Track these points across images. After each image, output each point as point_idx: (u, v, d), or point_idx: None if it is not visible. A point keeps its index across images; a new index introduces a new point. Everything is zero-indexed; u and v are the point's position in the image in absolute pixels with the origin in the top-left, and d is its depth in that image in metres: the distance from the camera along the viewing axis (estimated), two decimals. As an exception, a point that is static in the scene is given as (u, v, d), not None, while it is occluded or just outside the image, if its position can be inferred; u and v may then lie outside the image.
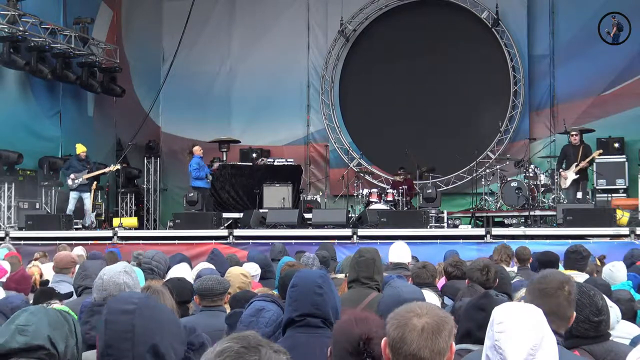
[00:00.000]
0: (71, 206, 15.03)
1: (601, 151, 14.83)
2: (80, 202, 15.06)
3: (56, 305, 4.24)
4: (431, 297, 4.47)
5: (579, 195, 14.12)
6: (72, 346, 2.33)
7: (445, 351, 2.28)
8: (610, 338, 3.68)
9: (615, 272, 5.78)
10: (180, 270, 5.87)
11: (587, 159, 13.99)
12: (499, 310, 2.41)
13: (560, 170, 14.23)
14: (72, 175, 14.85)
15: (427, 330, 2.25)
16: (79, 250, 9.64)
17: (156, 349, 2.21)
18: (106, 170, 15.51)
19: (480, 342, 3.18)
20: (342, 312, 2.76)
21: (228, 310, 4.70)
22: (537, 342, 2.31)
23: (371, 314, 2.77)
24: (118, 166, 15.80)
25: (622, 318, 4.28)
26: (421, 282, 5.55)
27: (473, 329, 3.26)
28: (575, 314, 3.18)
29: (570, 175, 14.07)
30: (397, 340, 2.27)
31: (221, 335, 4.07)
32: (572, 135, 14.25)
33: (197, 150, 15.60)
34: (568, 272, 5.88)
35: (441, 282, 6.41)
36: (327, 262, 7.97)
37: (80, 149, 15.07)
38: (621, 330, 4.18)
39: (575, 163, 13.98)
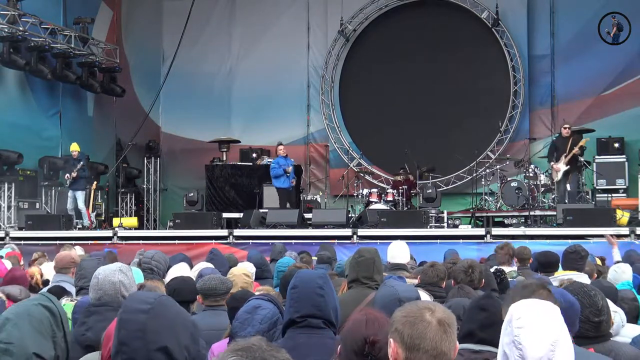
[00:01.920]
0: (69, 205, 15.08)
1: (588, 139, 14.75)
2: (75, 200, 15.10)
3: (66, 301, 4.24)
4: (424, 297, 4.46)
5: (569, 187, 14.04)
6: (60, 339, 2.32)
7: (455, 347, 2.31)
8: (612, 339, 3.69)
9: (620, 273, 5.76)
10: (179, 270, 5.86)
11: (576, 147, 13.87)
12: (518, 306, 2.40)
13: (552, 163, 14.12)
14: (66, 175, 14.98)
15: (444, 324, 2.28)
16: (78, 251, 9.64)
17: (167, 350, 2.22)
18: (73, 174, 14.90)
19: (483, 342, 3.18)
20: (356, 310, 2.77)
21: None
22: (556, 337, 2.29)
23: (383, 316, 2.76)
24: (78, 167, 14.98)
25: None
26: (427, 281, 5.52)
27: (475, 329, 3.26)
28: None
29: (561, 167, 14.00)
30: (415, 336, 2.26)
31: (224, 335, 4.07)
32: (565, 128, 14.15)
33: (279, 150, 15.32)
34: (567, 273, 5.87)
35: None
36: (331, 262, 7.98)
37: (72, 147, 15.02)
38: (626, 332, 4.16)
39: (565, 154, 13.90)
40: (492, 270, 5.93)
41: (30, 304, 2.45)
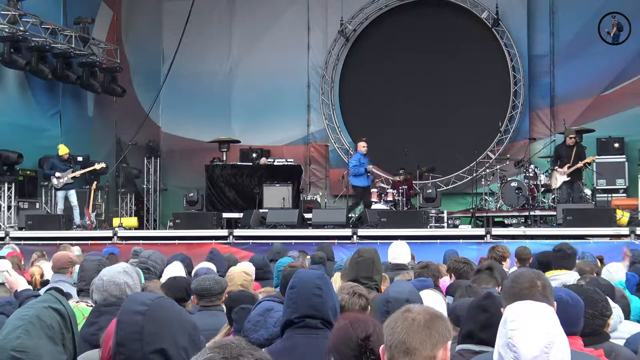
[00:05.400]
0: (60, 205, 15.09)
1: (594, 158, 14.83)
2: (67, 200, 15.09)
3: (82, 305, 4.24)
4: (434, 296, 4.45)
5: (574, 196, 14.10)
6: (68, 341, 2.32)
7: (437, 346, 2.26)
8: (612, 338, 3.71)
9: (613, 273, 5.79)
10: (173, 270, 5.87)
11: (580, 163, 13.96)
12: (512, 308, 2.40)
13: (556, 167, 14.13)
14: (57, 174, 14.91)
15: (418, 321, 2.26)
16: (76, 251, 9.64)
17: (164, 352, 2.22)
18: (90, 168, 15.24)
19: (483, 343, 3.17)
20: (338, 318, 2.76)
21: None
22: (551, 340, 2.29)
23: (364, 315, 2.77)
24: (103, 164, 15.40)
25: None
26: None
27: (475, 329, 3.25)
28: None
29: (561, 177, 14.03)
30: (388, 333, 2.28)
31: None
32: (570, 137, 14.18)
33: (360, 146, 14.90)
34: (558, 272, 5.88)
35: (443, 282, 6.39)
36: (324, 262, 7.96)
37: (63, 150, 15.05)
38: (623, 328, 4.19)
39: (568, 165, 13.91)
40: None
41: (40, 307, 2.40)
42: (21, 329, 2.26)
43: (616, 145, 16.57)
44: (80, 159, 15.84)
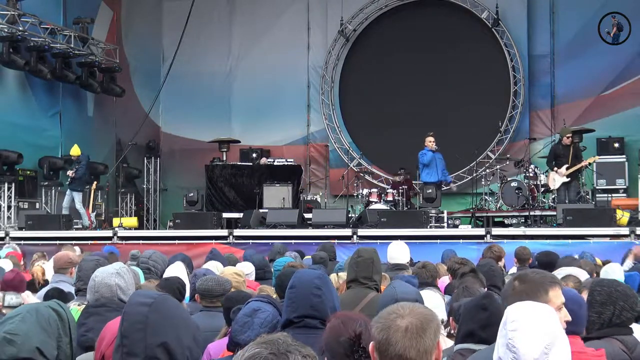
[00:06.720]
0: (65, 203, 15.12)
1: (595, 158, 14.76)
2: (73, 202, 15.14)
3: (74, 306, 4.24)
4: (434, 296, 4.46)
5: (571, 196, 14.04)
6: (65, 344, 2.32)
7: (432, 349, 2.24)
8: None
9: (611, 273, 5.80)
10: (175, 270, 5.86)
11: (581, 164, 13.87)
12: (513, 308, 2.39)
13: (554, 170, 14.02)
14: (68, 172, 15.10)
15: (411, 330, 2.23)
16: (77, 251, 9.63)
17: (167, 346, 2.22)
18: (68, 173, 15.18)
19: (483, 342, 3.17)
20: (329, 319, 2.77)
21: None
22: (551, 340, 2.29)
23: (356, 314, 2.77)
24: (70, 172, 15.23)
25: None
26: (421, 282, 5.53)
27: (476, 329, 3.25)
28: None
29: (560, 178, 13.91)
30: (383, 342, 2.25)
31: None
32: (567, 137, 14.06)
33: (427, 141, 14.51)
34: (565, 268, 5.89)
35: (442, 281, 6.40)
36: (325, 262, 7.96)
37: (72, 151, 15.11)
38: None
39: (566, 165, 13.81)
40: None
41: (41, 305, 2.46)
42: (18, 316, 2.33)
43: (616, 145, 16.57)
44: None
